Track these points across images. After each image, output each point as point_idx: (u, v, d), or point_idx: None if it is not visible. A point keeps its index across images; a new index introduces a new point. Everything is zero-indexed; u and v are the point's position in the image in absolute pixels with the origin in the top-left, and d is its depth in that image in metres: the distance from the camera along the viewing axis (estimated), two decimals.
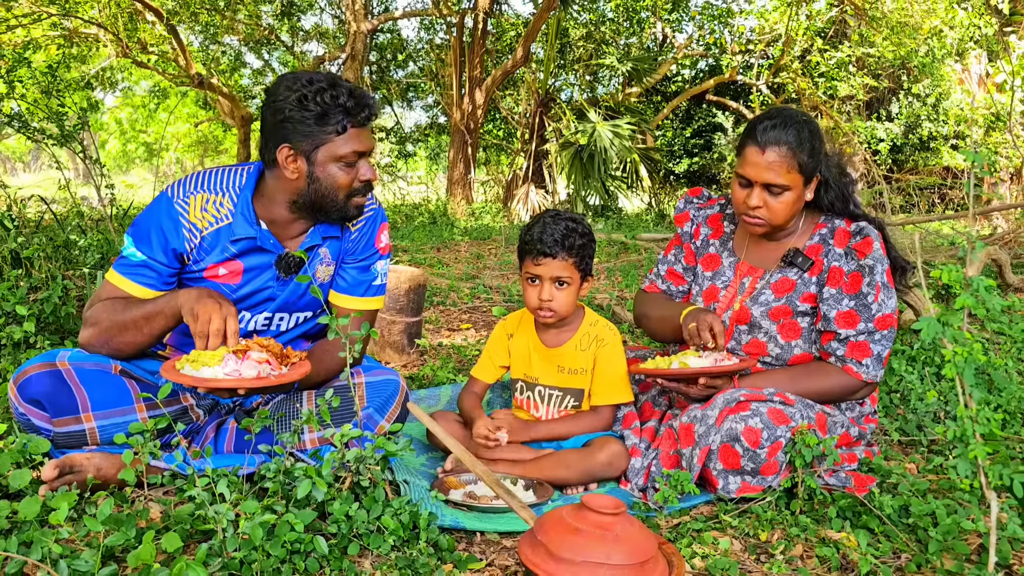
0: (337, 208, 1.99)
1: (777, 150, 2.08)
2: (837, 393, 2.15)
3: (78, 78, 12.23)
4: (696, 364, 2.06)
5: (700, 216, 2.46)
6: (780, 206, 2.13)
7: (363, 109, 1.93)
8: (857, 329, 2.10)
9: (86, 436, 1.88)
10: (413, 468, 2.15)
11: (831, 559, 1.73)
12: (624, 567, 1.35)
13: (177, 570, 1.38)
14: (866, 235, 2.15)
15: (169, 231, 1.98)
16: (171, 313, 1.87)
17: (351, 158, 1.94)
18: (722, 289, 2.31)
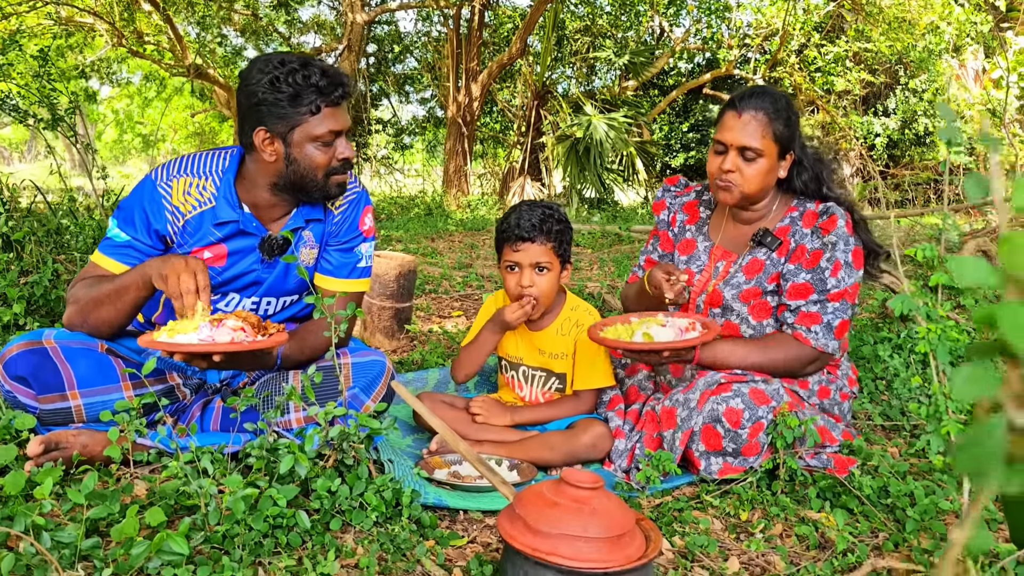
0: (317, 188, 1.99)
1: (754, 114, 2.13)
2: (791, 362, 2.15)
3: (73, 67, 12.19)
4: (660, 335, 2.05)
5: (676, 204, 2.48)
6: (753, 173, 2.15)
7: (336, 88, 1.92)
8: (808, 299, 2.13)
9: (72, 413, 1.89)
10: (399, 449, 2.16)
11: (809, 537, 1.75)
12: (601, 539, 1.36)
13: (158, 540, 1.39)
14: (831, 214, 2.16)
15: (152, 213, 1.99)
16: (142, 283, 1.86)
17: (327, 137, 1.94)
18: (697, 273, 2.33)
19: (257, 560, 1.52)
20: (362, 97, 13.79)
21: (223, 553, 1.51)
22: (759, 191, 2.20)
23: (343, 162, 1.98)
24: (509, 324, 2.20)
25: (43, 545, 1.42)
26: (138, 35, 11.85)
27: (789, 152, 2.20)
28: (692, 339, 2.04)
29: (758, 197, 2.23)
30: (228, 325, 1.77)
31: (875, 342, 2.90)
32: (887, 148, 12.97)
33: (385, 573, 1.54)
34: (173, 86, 18.21)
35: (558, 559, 1.34)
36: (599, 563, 1.34)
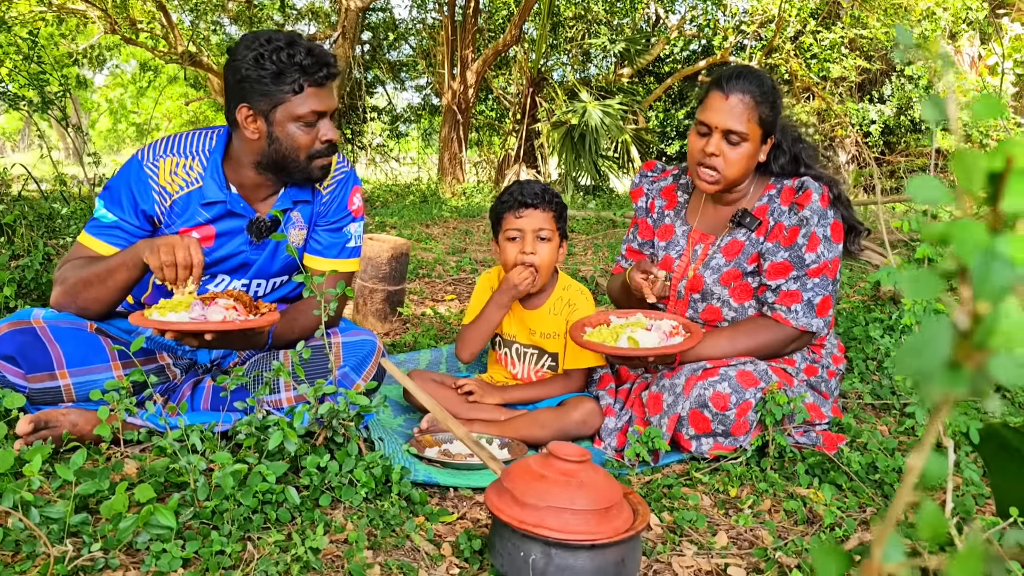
0: (300, 169, 1.97)
1: (741, 97, 2.09)
2: (774, 345, 2.14)
3: (66, 54, 12.12)
4: (645, 340, 2.03)
5: (654, 189, 2.45)
6: (735, 157, 2.12)
7: (321, 68, 1.90)
8: (788, 277, 2.11)
9: (61, 392, 1.89)
10: (389, 428, 2.17)
11: (798, 512, 1.76)
12: (588, 512, 1.37)
13: (145, 514, 1.39)
14: (806, 188, 2.13)
15: (139, 193, 1.99)
16: (133, 263, 1.85)
17: (310, 118, 1.91)
18: (676, 258, 2.31)
19: (246, 535, 1.52)
20: (357, 85, 13.74)
21: (212, 528, 1.52)
22: (741, 176, 2.16)
23: (326, 144, 1.96)
24: (518, 289, 2.18)
25: (32, 521, 1.42)
26: (131, 22, 11.78)
27: (771, 136, 2.17)
28: (677, 344, 2.02)
29: (738, 182, 2.20)
30: (220, 304, 1.76)
31: (866, 323, 2.91)
32: (883, 135, 12.96)
33: (374, 548, 1.54)
34: (168, 75, 18.12)
35: (545, 531, 1.35)
36: (586, 535, 1.35)
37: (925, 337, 0.29)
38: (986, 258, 0.28)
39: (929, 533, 0.35)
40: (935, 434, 0.33)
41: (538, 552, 1.36)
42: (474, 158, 14.91)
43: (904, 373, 0.29)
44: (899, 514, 0.34)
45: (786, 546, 1.61)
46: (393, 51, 15.81)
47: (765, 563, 1.54)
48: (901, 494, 0.35)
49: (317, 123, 1.93)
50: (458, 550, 1.55)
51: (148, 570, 1.38)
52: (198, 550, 1.42)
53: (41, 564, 1.36)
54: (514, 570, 1.39)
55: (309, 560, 1.43)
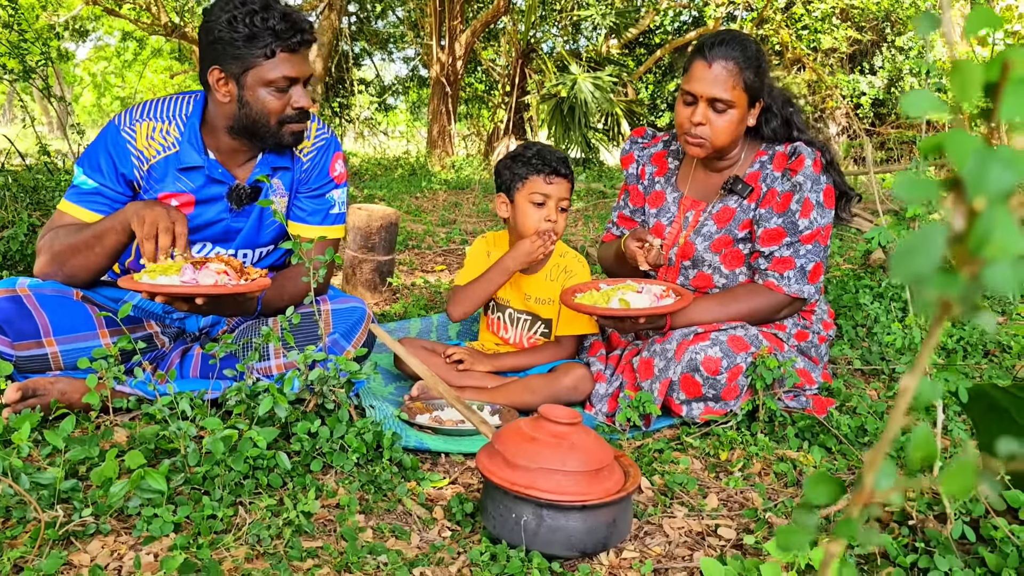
0: (270, 134, 1.94)
1: (724, 64, 2.07)
2: (764, 311, 2.15)
3: (47, 27, 11.93)
4: (636, 302, 2.03)
5: (644, 156, 2.44)
6: (723, 125, 2.11)
7: (295, 33, 1.86)
8: (781, 243, 2.11)
9: (48, 360, 1.88)
10: (380, 396, 2.16)
11: (787, 475, 1.77)
12: (579, 473, 1.37)
13: (135, 478, 1.39)
14: (799, 154, 2.13)
15: (118, 157, 1.96)
16: (121, 228, 1.83)
17: (281, 83, 1.88)
18: (667, 225, 2.31)
19: (238, 500, 1.52)
20: (344, 57, 13.60)
21: (203, 494, 1.52)
22: (730, 142, 2.15)
23: (298, 111, 1.93)
24: (530, 256, 2.17)
25: (22, 487, 1.41)
26: None
27: (759, 100, 2.16)
28: (669, 305, 2.02)
29: (728, 148, 2.19)
30: (211, 268, 1.75)
31: (856, 290, 2.92)
32: (873, 107, 12.94)
33: (366, 512, 1.54)
34: (152, 47, 17.87)
35: (536, 492, 1.35)
36: (577, 496, 1.36)
37: (920, 240, 0.29)
38: (981, 158, 0.27)
39: (921, 456, 0.35)
40: (931, 351, 0.32)
41: (529, 513, 1.37)
42: (463, 131, 14.82)
43: (899, 276, 0.29)
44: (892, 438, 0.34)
45: (776, 507, 1.63)
46: (380, 22, 15.63)
47: (755, 524, 1.55)
48: (894, 417, 0.35)
49: (289, 89, 1.90)
50: (450, 513, 1.56)
51: (140, 535, 1.38)
52: (189, 515, 1.42)
53: (32, 529, 1.35)
54: (506, 532, 1.40)
55: (301, 524, 1.43)
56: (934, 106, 0.31)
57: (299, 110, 1.93)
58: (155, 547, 1.35)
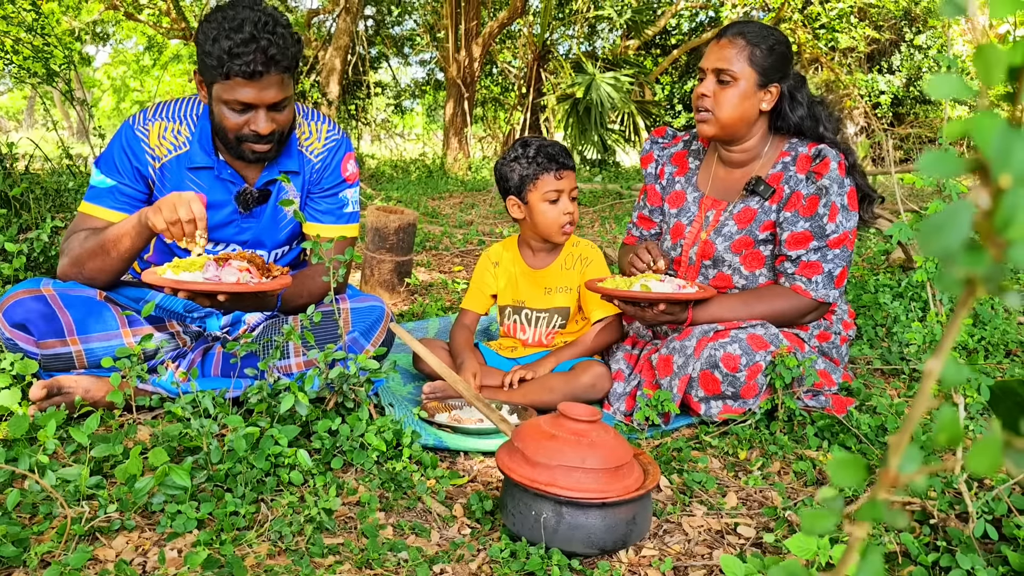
0: (230, 147, 1.95)
1: (732, 39, 2.12)
2: (788, 314, 2.14)
3: (68, 31, 12.07)
4: (657, 288, 2.04)
5: (664, 156, 2.44)
6: (726, 98, 2.12)
7: (252, 63, 1.80)
8: (809, 247, 2.10)
9: (73, 359, 1.90)
10: (399, 395, 2.17)
11: (807, 474, 1.77)
12: (598, 471, 1.38)
13: (160, 474, 1.41)
14: (824, 157, 2.12)
15: (133, 155, 2.00)
16: (138, 230, 1.85)
17: (235, 105, 1.86)
18: (687, 225, 2.30)
19: (260, 497, 1.53)
20: (361, 60, 13.65)
21: (226, 491, 1.53)
22: (736, 120, 2.14)
23: (255, 134, 1.90)
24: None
25: (48, 483, 1.44)
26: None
27: (773, 83, 2.15)
28: (690, 293, 2.03)
29: (738, 130, 2.17)
30: (234, 265, 1.77)
31: (875, 289, 2.90)
32: (892, 106, 12.85)
33: (386, 510, 1.55)
34: (171, 52, 18.03)
35: (556, 489, 1.36)
36: (597, 493, 1.36)
37: (947, 216, 0.29)
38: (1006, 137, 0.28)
39: (946, 439, 0.35)
40: (957, 331, 0.32)
41: (549, 511, 1.37)
42: (479, 133, 14.85)
43: (926, 252, 0.29)
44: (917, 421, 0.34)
45: (796, 506, 1.62)
46: (397, 26, 15.69)
47: (775, 522, 1.55)
48: (919, 400, 0.35)
49: (246, 112, 1.88)
50: (470, 511, 1.57)
51: (163, 531, 1.40)
52: (212, 511, 1.44)
53: (59, 525, 1.37)
54: (526, 529, 1.40)
55: (323, 521, 1.44)
56: (958, 89, 0.31)
57: (254, 133, 1.90)
58: (179, 543, 1.37)
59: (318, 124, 2.15)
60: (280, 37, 1.83)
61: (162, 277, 1.72)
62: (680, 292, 2.02)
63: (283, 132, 1.96)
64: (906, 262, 3.36)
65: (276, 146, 1.97)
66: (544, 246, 2.31)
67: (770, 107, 2.17)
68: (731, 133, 2.19)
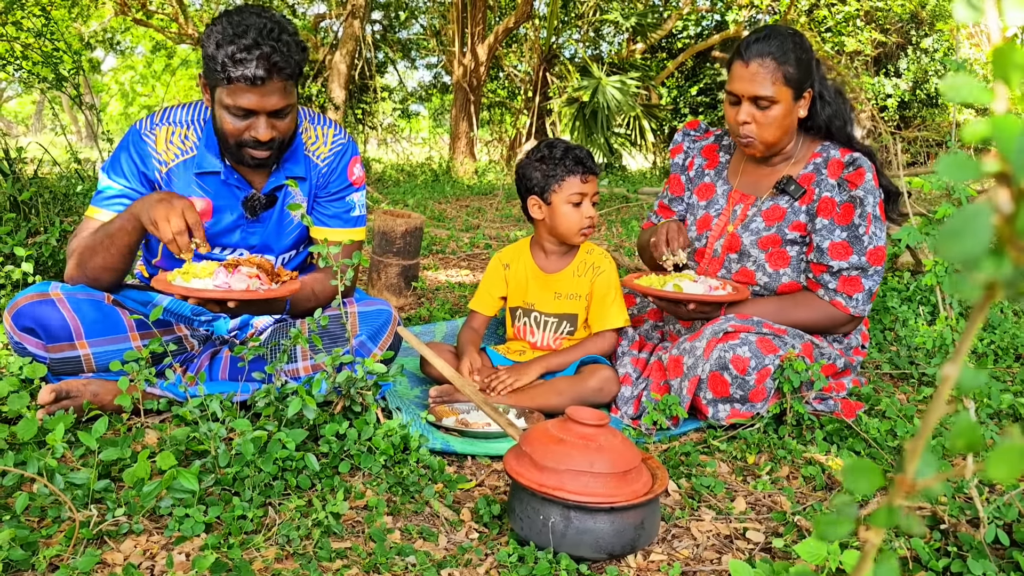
0: (230, 151, 1.94)
1: (761, 62, 2.07)
2: (823, 325, 2.15)
3: (77, 38, 12.13)
4: (690, 289, 2.07)
5: (695, 148, 2.45)
6: (769, 121, 2.11)
7: (252, 69, 1.79)
8: (850, 262, 2.10)
9: (81, 362, 1.91)
10: (406, 399, 2.17)
11: (816, 478, 1.76)
12: (607, 475, 1.37)
13: (168, 478, 1.41)
14: (859, 166, 2.12)
15: (140, 160, 2.00)
16: (131, 226, 1.85)
17: (236, 111, 1.86)
18: (715, 217, 2.31)
19: (267, 501, 1.53)
20: (367, 64, 13.68)
21: (233, 494, 1.53)
22: (781, 137, 2.16)
23: (255, 141, 1.89)
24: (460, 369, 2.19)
25: (56, 487, 1.44)
26: (141, 3, 11.77)
27: (807, 90, 2.15)
28: (720, 295, 2.05)
29: (782, 143, 2.19)
30: (243, 272, 1.78)
31: (884, 293, 2.89)
32: (898, 109, 12.82)
33: (394, 514, 1.55)
34: (180, 57, 18.10)
35: (565, 494, 1.35)
36: (605, 498, 1.35)
37: (967, 220, 0.29)
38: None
39: (964, 444, 0.34)
40: (972, 337, 0.32)
41: (557, 515, 1.37)
42: (485, 137, 14.86)
43: (945, 257, 0.29)
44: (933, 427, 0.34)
45: (805, 511, 1.61)
46: (404, 30, 15.73)
47: (784, 527, 1.54)
48: (935, 406, 0.35)
49: (248, 117, 1.87)
50: (477, 515, 1.56)
51: (171, 534, 1.40)
52: (220, 515, 1.44)
53: (67, 529, 1.38)
54: (534, 533, 1.40)
55: (330, 525, 1.44)
56: (974, 92, 0.31)
57: (254, 139, 1.89)
58: (187, 547, 1.37)
59: (324, 128, 2.15)
60: (284, 44, 1.83)
61: (172, 284, 1.72)
62: (711, 294, 2.05)
63: (284, 139, 1.95)
64: (915, 266, 3.34)
65: (277, 153, 1.96)
66: (558, 249, 2.30)
67: (806, 112, 2.18)
68: (776, 149, 2.20)
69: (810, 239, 2.16)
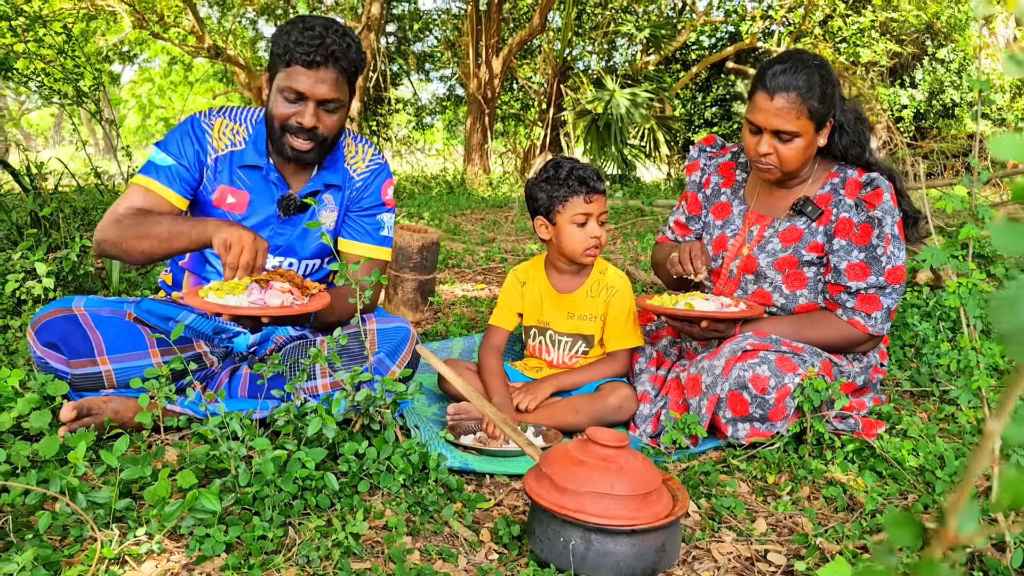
0: (275, 138, 2.02)
1: (786, 96, 2.04)
2: (840, 344, 2.14)
3: (96, 51, 12.27)
4: (701, 307, 2.06)
5: (711, 165, 2.44)
6: (790, 153, 2.10)
7: (312, 51, 1.92)
8: (867, 282, 2.08)
9: (102, 378, 1.92)
10: (425, 416, 2.17)
11: (837, 499, 1.74)
12: (628, 497, 1.37)
13: (190, 498, 1.41)
14: (877, 186, 2.11)
15: (196, 140, 2.08)
16: (197, 239, 1.90)
17: (289, 94, 1.95)
18: (731, 237, 2.30)
19: (287, 520, 1.54)
20: (382, 76, 13.77)
21: (254, 514, 1.54)
22: (800, 167, 2.15)
23: (299, 127, 1.97)
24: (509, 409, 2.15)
25: (78, 506, 1.45)
26: (159, 17, 11.90)
27: (828, 121, 2.13)
28: (732, 312, 2.04)
29: (801, 171, 2.19)
30: (276, 287, 1.80)
31: (903, 309, 2.87)
32: (914, 120, 12.76)
33: (413, 534, 1.55)
34: (200, 70, 18.27)
35: (585, 516, 1.35)
36: (626, 520, 1.35)
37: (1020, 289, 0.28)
38: None
39: (1010, 500, 0.34)
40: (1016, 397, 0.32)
41: (578, 537, 1.36)
42: (499, 148, 14.90)
43: (1000, 327, 0.28)
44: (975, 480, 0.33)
45: (827, 533, 1.60)
46: (418, 42, 15.82)
47: (806, 549, 1.53)
48: (978, 459, 0.34)
49: (298, 102, 1.97)
50: (497, 536, 1.56)
51: (192, 554, 1.40)
52: (240, 535, 1.44)
53: (89, 548, 1.38)
54: (554, 555, 1.39)
55: (350, 545, 1.44)
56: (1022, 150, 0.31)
57: (300, 125, 1.98)
58: (207, 567, 1.37)
59: (364, 147, 2.24)
60: (345, 41, 1.97)
61: (206, 300, 1.74)
62: (723, 311, 2.04)
63: (327, 138, 2.03)
64: (934, 281, 3.32)
65: (318, 151, 2.03)
66: (570, 268, 2.30)
67: (826, 141, 2.17)
68: (795, 175, 2.20)
69: (827, 260, 2.15)
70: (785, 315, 2.21)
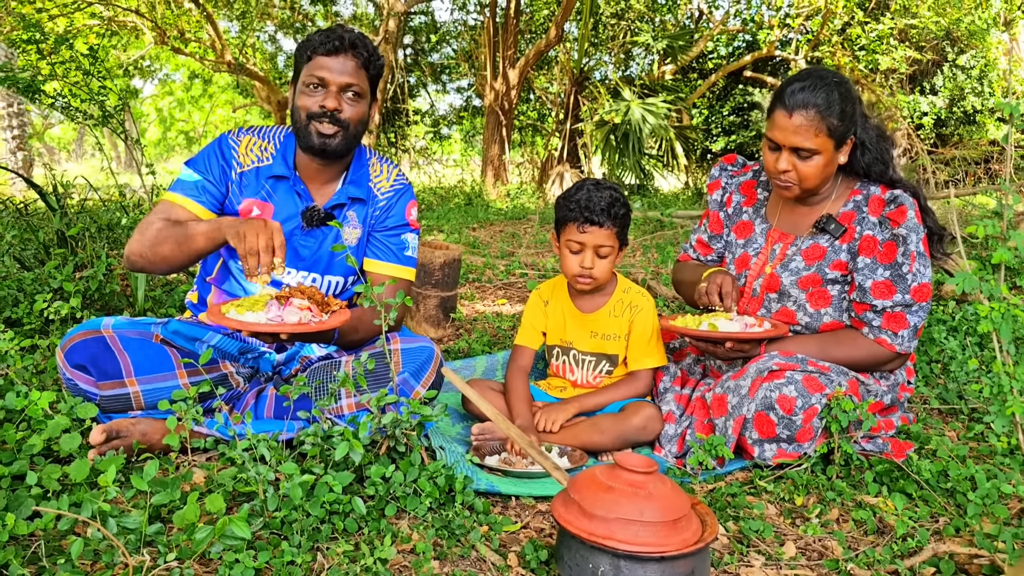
0: (301, 130, 2.08)
1: (805, 114, 2.03)
2: (867, 362, 2.12)
3: (117, 66, 12.43)
4: (725, 327, 2.05)
5: (733, 184, 2.43)
6: (809, 170, 2.09)
7: (331, 41, 2.03)
8: (894, 300, 2.07)
9: (131, 400, 1.94)
10: (449, 436, 2.17)
11: (867, 522, 1.72)
12: (657, 524, 1.36)
13: (221, 525, 1.42)
14: (900, 203, 2.09)
15: (221, 156, 2.14)
16: (212, 237, 1.94)
17: (312, 81, 2.04)
18: (753, 256, 2.29)
19: (315, 545, 1.54)
20: (399, 88, 13.85)
21: (282, 539, 1.54)
22: (819, 184, 2.14)
23: (323, 110, 2.05)
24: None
25: (109, 531, 1.46)
26: (179, 32, 12.04)
27: (848, 139, 2.12)
28: (756, 332, 2.02)
29: (820, 188, 2.17)
30: (295, 304, 1.81)
31: (929, 324, 2.84)
32: (935, 127, 12.65)
33: (441, 558, 1.55)
34: (220, 84, 18.46)
35: (615, 543, 1.34)
36: (656, 547, 1.34)
37: None
38: None
39: None
40: None
41: (607, 564, 1.36)
42: (517, 159, 14.93)
43: None
44: None
45: (857, 557, 1.58)
46: (435, 54, 15.91)
47: (836, 575, 1.51)
48: None
49: (319, 89, 2.05)
50: (524, 560, 1.55)
51: None
52: (269, 560, 1.44)
53: (119, 573, 1.39)
54: None
55: (378, 571, 1.44)
56: None
57: (323, 108, 2.04)
58: None
59: (389, 167, 2.29)
60: (365, 39, 2.09)
61: (226, 317, 1.76)
62: (747, 331, 2.03)
63: (351, 128, 2.09)
64: (960, 295, 3.29)
65: (343, 136, 2.08)
66: (592, 290, 2.29)
67: (847, 159, 2.15)
68: (815, 192, 2.19)
69: (852, 278, 2.14)
70: (810, 334, 2.20)
